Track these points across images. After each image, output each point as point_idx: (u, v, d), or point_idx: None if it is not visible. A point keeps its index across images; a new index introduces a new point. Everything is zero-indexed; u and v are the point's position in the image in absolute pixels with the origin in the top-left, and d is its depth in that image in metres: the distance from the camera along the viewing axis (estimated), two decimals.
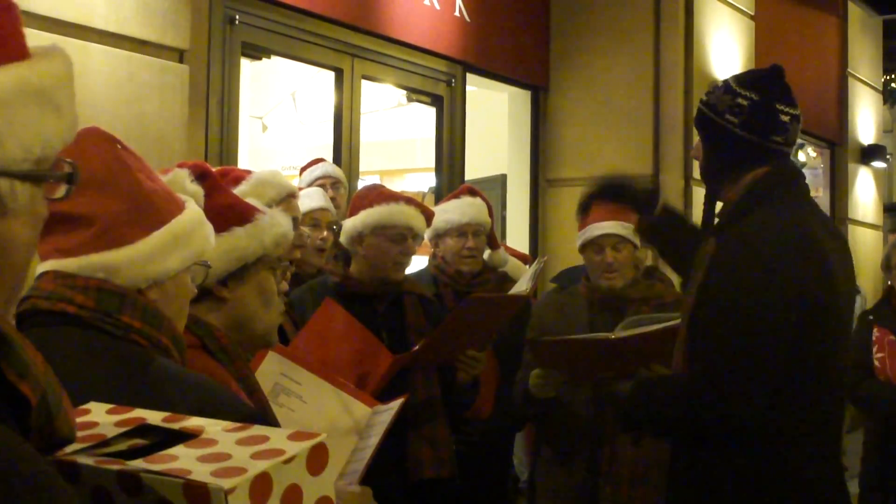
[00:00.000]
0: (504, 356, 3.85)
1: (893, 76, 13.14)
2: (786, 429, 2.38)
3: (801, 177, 2.57)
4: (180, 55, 4.45)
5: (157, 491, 1.06)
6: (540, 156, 7.51)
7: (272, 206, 2.76)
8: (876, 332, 4.39)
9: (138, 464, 1.09)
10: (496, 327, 3.44)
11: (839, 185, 10.08)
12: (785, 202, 2.46)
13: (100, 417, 1.23)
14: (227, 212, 1.90)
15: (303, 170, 4.81)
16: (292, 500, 1.13)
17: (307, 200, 3.74)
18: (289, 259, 2.82)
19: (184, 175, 1.82)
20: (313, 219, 3.80)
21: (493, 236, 4.25)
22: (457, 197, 4.08)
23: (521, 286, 3.62)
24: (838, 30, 10.12)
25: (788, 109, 2.50)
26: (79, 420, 1.20)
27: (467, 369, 3.38)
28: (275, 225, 1.96)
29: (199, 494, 1.04)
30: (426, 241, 4.07)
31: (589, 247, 3.58)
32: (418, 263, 4.37)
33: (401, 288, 3.43)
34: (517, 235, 7.26)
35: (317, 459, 1.15)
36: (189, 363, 1.58)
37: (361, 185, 5.15)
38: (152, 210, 1.53)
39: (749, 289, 2.33)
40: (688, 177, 7.08)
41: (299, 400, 2.31)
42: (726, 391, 2.32)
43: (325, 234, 3.52)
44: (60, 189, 1.06)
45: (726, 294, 2.37)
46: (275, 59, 5.82)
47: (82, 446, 1.14)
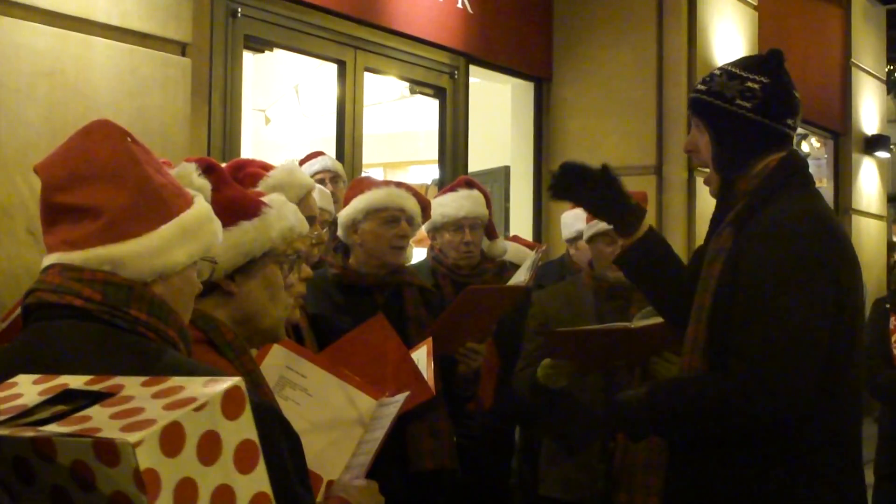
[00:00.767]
0: (504, 347, 3.84)
1: None
2: (826, 423, 2.30)
3: (807, 163, 2.53)
4: (182, 48, 4.44)
5: (71, 454, 1.06)
6: (543, 147, 7.50)
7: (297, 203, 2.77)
8: (894, 321, 4.39)
9: (52, 428, 1.09)
10: (496, 318, 3.43)
11: (843, 176, 10.07)
12: (802, 189, 2.40)
13: (25, 389, 1.23)
14: (233, 206, 1.89)
15: (301, 163, 4.77)
16: (210, 447, 1.12)
17: None
18: (307, 258, 2.82)
19: (191, 169, 1.81)
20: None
21: (492, 226, 4.24)
22: (454, 190, 4.07)
23: (520, 277, 3.61)
24: (842, 19, 10.10)
25: (796, 92, 2.46)
26: (3, 394, 1.20)
27: (468, 361, 3.37)
28: (282, 218, 1.95)
29: (109, 451, 1.05)
30: (424, 233, 4.07)
31: (599, 238, 3.57)
32: (417, 256, 4.37)
33: (401, 279, 3.43)
34: (520, 227, 7.25)
35: (233, 404, 1.15)
36: (196, 358, 1.57)
37: None
38: (160, 204, 1.53)
39: (785, 281, 2.24)
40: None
41: (304, 393, 2.30)
42: (774, 388, 2.22)
43: (324, 230, 3.50)
44: None
45: (761, 288, 2.26)
46: (277, 51, 5.82)
47: (3, 418, 1.14)
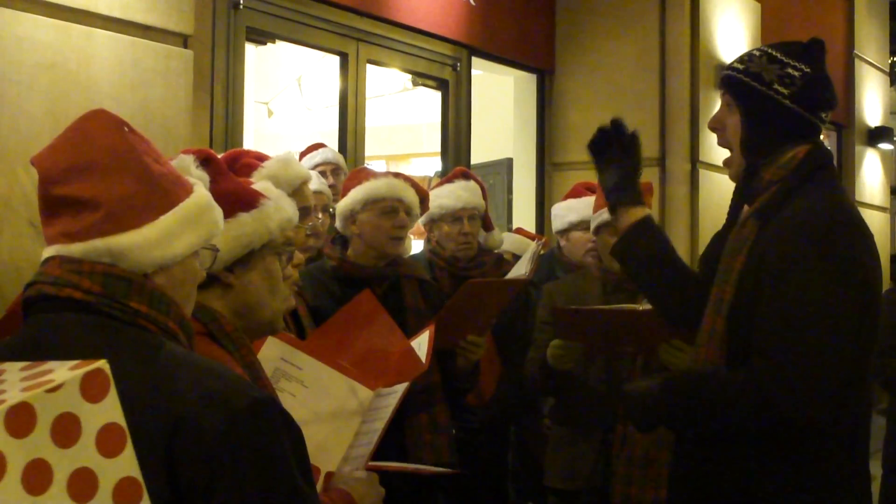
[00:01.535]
0: (503, 341, 3.84)
1: None
2: (846, 426, 2.25)
3: (833, 157, 2.48)
4: (184, 40, 4.43)
5: None
6: (546, 139, 7.49)
7: (290, 193, 2.77)
8: None
9: None
10: (495, 311, 3.43)
11: (846, 168, 10.05)
12: (828, 183, 2.35)
13: None
14: (232, 198, 1.88)
15: (302, 155, 4.77)
16: (67, 429, 1.10)
17: None
18: (303, 248, 2.82)
19: (189, 161, 1.80)
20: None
21: (488, 218, 4.23)
22: (450, 181, 4.06)
23: (521, 269, 3.61)
24: (845, 11, 10.07)
25: (832, 86, 2.42)
26: None
27: (467, 355, 3.37)
28: (280, 210, 1.94)
29: None
30: (420, 226, 4.06)
31: (605, 229, 3.56)
32: (414, 248, 4.37)
33: (399, 271, 3.42)
34: (523, 219, 7.25)
35: (94, 387, 1.13)
36: (197, 350, 1.57)
37: None
38: (160, 193, 1.52)
39: (815, 278, 2.18)
40: (694, 160, 7.06)
41: (300, 384, 2.29)
42: (798, 389, 2.15)
43: (320, 216, 3.49)
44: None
45: (788, 285, 2.20)
46: (280, 43, 5.81)
47: None
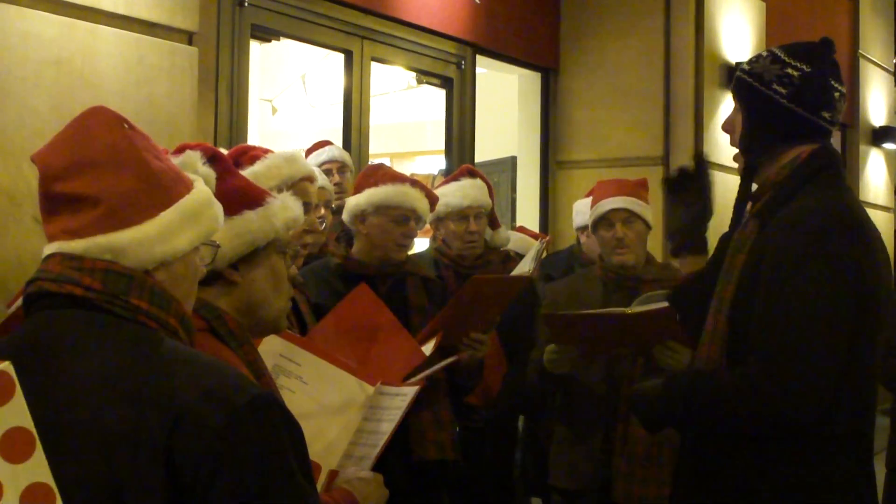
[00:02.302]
0: (508, 339, 3.83)
1: None
2: (843, 422, 2.24)
3: (841, 159, 2.43)
4: (189, 37, 4.43)
5: None
6: (550, 138, 7.49)
7: (285, 187, 2.76)
8: None
9: None
10: (499, 309, 3.41)
11: (851, 167, 10.03)
12: (831, 184, 2.32)
13: None
14: (238, 195, 1.88)
15: (308, 152, 4.75)
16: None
17: None
18: (300, 245, 2.81)
19: (196, 157, 1.79)
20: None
21: (495, 216, 4.22)
22: (456, 179, 4.03)
23: (524, 267, 3.60)
24: (850, 11, 10.05)
25: (838, 85, 2.38)
26: None
27: (472, 351, 3.36)
28: (286, 209, 1.94)
29: None
30: (428, 224, 4.05)
31: (600, 224, 3.56)
32: (420, 245, 4.35)
33: (403, 269, 3.41)
34: (527, 217, 7.25)
35: None
36: (198, 346, 1.57)
37: None
38: (160, 190, 1.52)
39: (809, 278, 2.17)
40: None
41: (299, 381, 2.28)
42: (790, 388, 2.15)
43: (322, 212, 3.45)
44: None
45: (782, 283, 2.20)
46: (284, 41, 5.81)
47: None
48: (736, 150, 2.54)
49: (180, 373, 1.41)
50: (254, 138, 6.38)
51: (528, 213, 7.40)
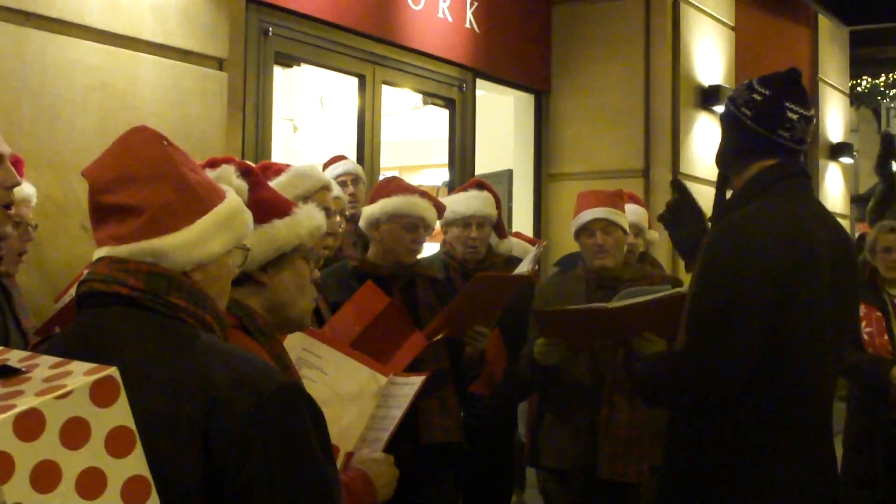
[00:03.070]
0: (510, 334, 3.81)
1: (859, 80, 13.06)
2: (769, 409, 2.27)
3: (803, 175, 2.47)
4: (220, 63, 4.44)
5: None
6: (542, 153, 7.48)
7: (307, 197, 2.77)
8: (863, 309, 4.39)
9: None
10: (500, 304, 3.40)
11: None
12: (783, 195, 2.37)
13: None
14: (268, 205, 1.87)
15: (325, 166, 4.74)
16: (76, 433, 1.09)
17: None
18: (322, 247, 2.80)
19: (231, 171, 1.79)
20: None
21: (502, 226, 4.18)
22: (465, 190, 4.02)
23: (524, 267, 3.59)
24: (809, 39, 10.05)
25: (797, 108, 2.42)
26: None
27: (474, 343, 3.35)
28: (310, 218, 1.93)
29: None
30: (438, 227, 4.04)
31: (582, 232, 3.55)
32: (431, 248, 4.34)
33: (413, 271, 3.40)
34: (522, 224, 7.24)
35: (104, 392, 1.11)
36: (230, 341, 1.56)
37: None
38: (196, 200, 1.51)
39: (728, 271, 2.25)
40: (675, 171, 7.04)
41: (320, 371, 2.27)
42: (706, 367, 2.23)
43: (337, 218, 3.46)
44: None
45: (708, 275, 2.29)
46: (304, 66, 5.81)
47: None
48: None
49: (215, 363, 1.41)
50: (277, 154, 6.38)
51: (523, 220, 7.40)
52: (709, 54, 7.54)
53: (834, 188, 10.42)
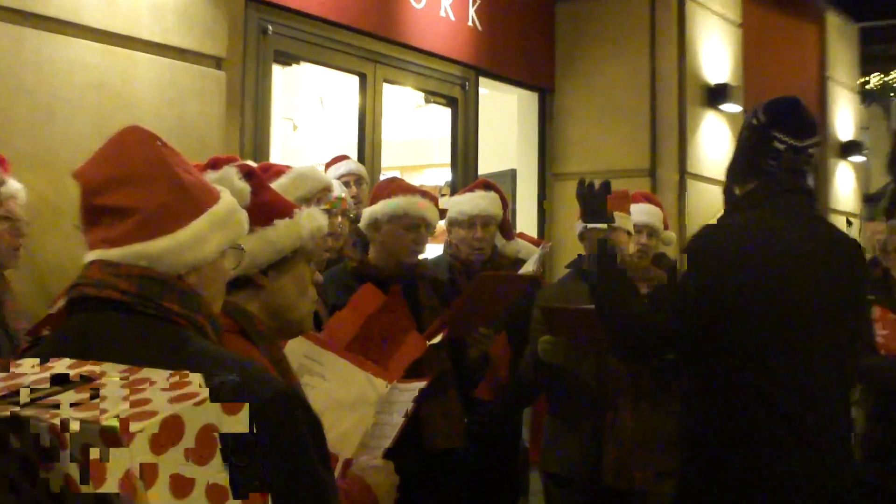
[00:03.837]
0: (515, 337, 3.79)
1: (869, 78, 13.03)
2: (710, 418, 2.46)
3: (788, 192, 2.54)
4: (218, 62, 4.43)
5: (80, 439, 1.03)
6: (546, 152, 7.48)
7: (309, 199, 2.76)
8: (878, 311, 4.35)
9: (27, 411, 1.06)
10: (506, 305, 3.38)
11: (820, 179, 10.00)
12: (757, 213, 2.50)
13: (28, 370, 1.21)
14: (269, 207, 1.87)
15: (327, 166, 4.75)
16: (207, 440, 1.09)
17: None
18: (324, 248, 2.80)
19: (233, 173, 1.79)
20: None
21: (508, 228, 4.16)
22: (472, 190, 4.01)
23: (529, 268, 3.57)
24: (818, 36, 10.02)
25: (786, 139, 2.52)
26: (6, 374, 1.19)
27: (478, 345, 3.33)
28: (312, 220, 1.93)
29: (111, 438, 1.01)
30: (444, 228, 4.02)
31: (586, 235, 3.53)
32: (436, 250, 4.32)
33: (415, 272, 3.39)
34: (526, 224, 7.23)
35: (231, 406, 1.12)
36: (229, 346, 1.55)
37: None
38: (190, 201, 1.50)
39: (676, 274, 2.47)
40: (682, 170, 7.03)
41: (321, 378, 2.27)
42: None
43: (339, 219, 3.47)
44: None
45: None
46: (304, 64, 5.80)
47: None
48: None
49: (208, 368, 1.39)
50: (276, 154, 6.38)
51: (527, 220, 7.38)
52: (715, 52, 7.52)
53: (844, 187, 10.39)
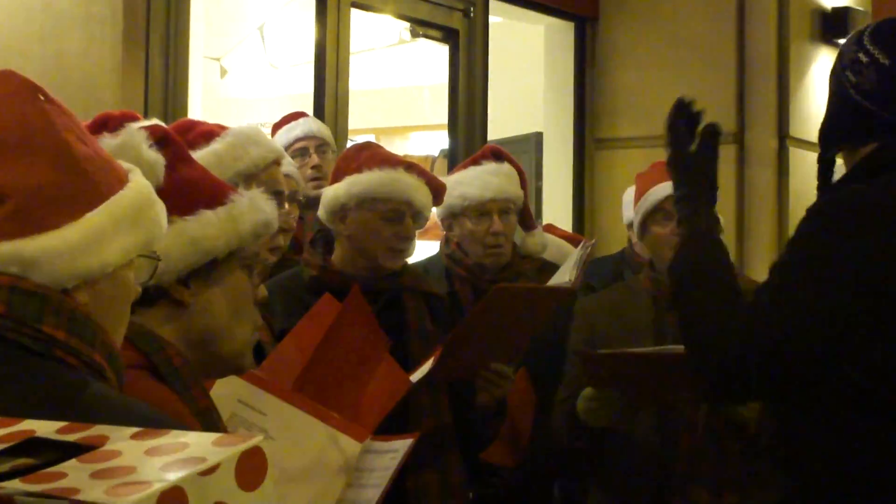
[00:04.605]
0: (542, 373, 3.79)
1: None
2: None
3: None
4: None
5: None
6: (587, 108, 7.50)
7: (251, 175, 2.77)
8: None
9: (15, 485, 1.08)
10: (530, 331, 3.38)
11: None
12: (888, 180, 2.48)
13: None
14: (193, 190, 1.87)
15: (276, 127, 4.74)
16: None
17: None
18: (271, 247, 2.80)
19: (140, 138, 1.79)
20: None
21: (528, 213, 4.18)
22: (477, 163, 4.00)
23: (564, 276, 3.56)
24: None
25: None
26: None
27: (491, 388, 3.33)
28: (256, 210, 1.93)
29: None
30: (436, 222, 4.02)
31: (652, 218, 3.53)
32: (426, 251, 4.32)
33: (399, 283, 3.39)
34: (557, 212, 7.24)
35: (250, 470, 1.14)
36: (131, 390, 1.55)
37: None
38: (85, 183, 1.50)
39: (804, 265, 2.45)
40: (783, 134, 7.05)
41: (264, 434, 2.28)
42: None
43: (287, 207, 3.45)
44: None
45: (783, 265, 2.50)
46: None
47: None
48: None
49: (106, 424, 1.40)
50: (196, 109, 6.38)
51: (557, 206, 7.41)
52: None
53: None
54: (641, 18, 7.35)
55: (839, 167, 2.67)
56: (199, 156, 2.42)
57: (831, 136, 2.64)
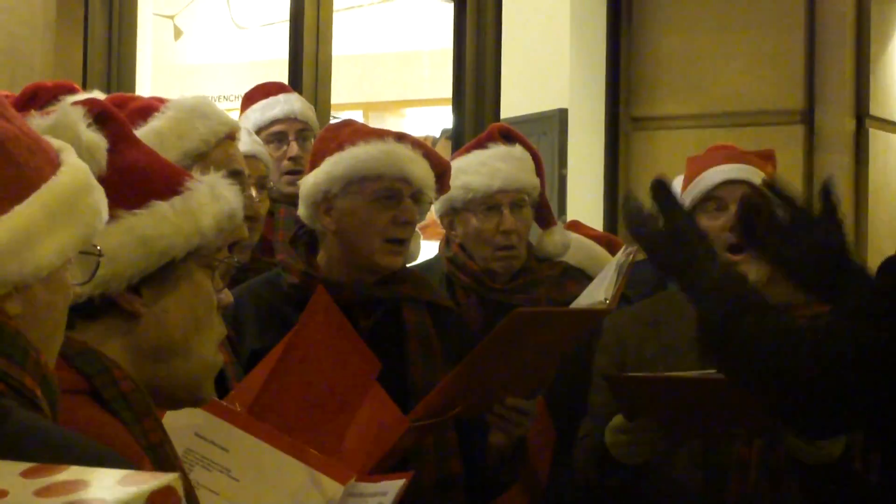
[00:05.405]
0: (559, 401, 3.80)
1: None
2: None
3: None
4: None
5: None
6: (622, 82, 7.53)
7: (201, 154, 2.78)
8: None
9: None
10: (555, 362, 3.38)
11: None
12: None
13: None
14: (142, 178, 1.88)
15: (248, 99, 4.70)
16: None
17: None
18: (234, 240, 2.80)
19: (77, 115, 1.79)
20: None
21: (547, 206, 4.16)
22: (482, 146, 4.00)
23: (598, 293, 3.51)
24: None
25: None
26: None
27: (508, 427, 3.34)
28: (217, 199, 1.94)
29: None
30: (435, 218, 4.02)
31: (701, 207, 3.54)
32: (423, 253, 4.33)
33: (399, 292, 3.40)
34: (585, 205, 7.27)
35: None
36: (70, 420, 1.56)
37: None
38: (11, 169, 1.51)
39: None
40: (861, 113, 7.07)
41: (226, 476, 2.29)
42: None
43: (253, 192, 3.42)
44: None
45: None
46: None
47: None
48: None
49: (34, 460, 1.41)
50: (146, 77, 6.40)
51: (585, 198, 7.44)
52: None
53: None
54: None
55: None
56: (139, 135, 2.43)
57: None
